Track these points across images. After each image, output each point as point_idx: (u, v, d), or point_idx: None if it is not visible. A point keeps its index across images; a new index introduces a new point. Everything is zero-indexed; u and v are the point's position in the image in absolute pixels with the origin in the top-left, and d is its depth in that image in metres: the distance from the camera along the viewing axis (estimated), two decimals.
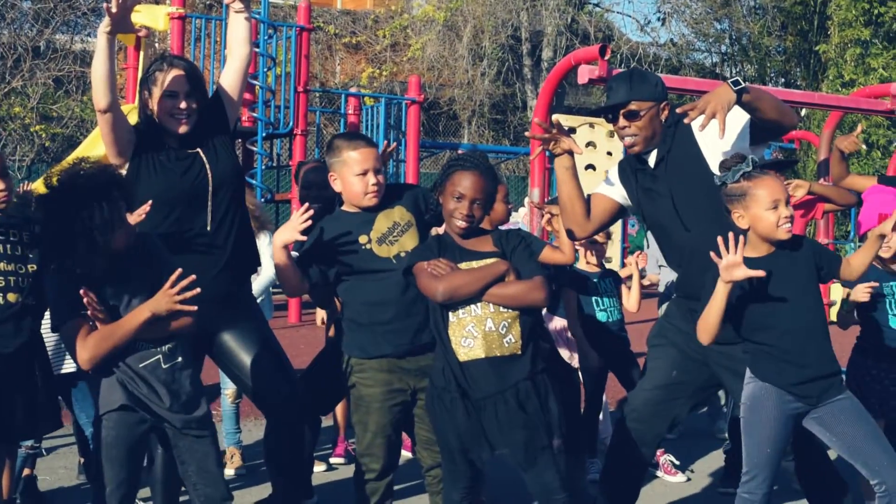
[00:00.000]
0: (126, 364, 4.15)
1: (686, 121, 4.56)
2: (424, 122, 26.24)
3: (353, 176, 4.92)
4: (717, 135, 4.47)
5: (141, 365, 4.16)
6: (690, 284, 4.83)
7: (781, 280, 4.43)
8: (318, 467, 6.87)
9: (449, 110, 27.49)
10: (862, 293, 5.65)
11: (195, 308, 4.13)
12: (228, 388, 6.91)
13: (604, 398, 7.28)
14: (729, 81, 4.53)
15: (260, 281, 6.76)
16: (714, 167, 4.73)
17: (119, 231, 4.05)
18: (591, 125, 14.34)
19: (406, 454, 6.85)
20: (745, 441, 4.55)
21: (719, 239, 4.30)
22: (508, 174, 25.91)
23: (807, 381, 4.45)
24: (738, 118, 4.74)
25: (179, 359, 4.25)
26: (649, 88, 4.89)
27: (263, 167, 14.21)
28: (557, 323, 6.98)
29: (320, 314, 7.30)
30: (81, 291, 3.97)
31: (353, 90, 17.62)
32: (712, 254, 4.30)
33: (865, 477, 4.53)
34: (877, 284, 5.70)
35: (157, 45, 22.14)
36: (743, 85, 4.51)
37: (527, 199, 7.36)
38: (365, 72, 26.53)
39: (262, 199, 13.64)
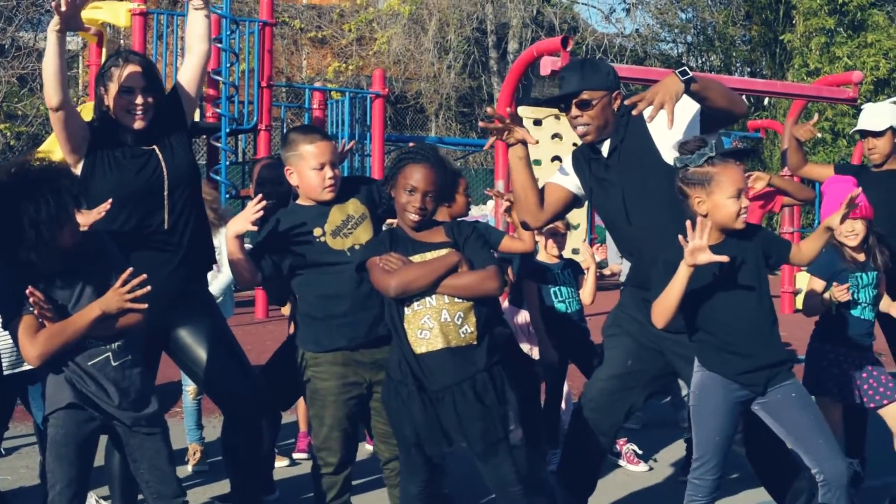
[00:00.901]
0: (75, 362, 4.12)
1: (634, 112, 4.56)
2: (391, 115, 26.26)
3: (309, 170, 4.92)
4: (667, 125, 4.48)
5: (90, 363, 4.13)
6: (643, 274, 4.85)
7: (729, 270, 4.43)
8: (281, 462, 6.86)
9: (416, 104, 27.49)
10: (840, 294, 5.69)
11: (145, 306, 4.11)
12: (189, 385, 6.89)
13: (567, 388, 7.29)
14: (676, 71, 4.54)
15: (220, 279, 6.73)
16: (666, 157, 4.75)
17: (67, 227, 4.03)
18: (557, 117, 14.37)
19: (369, 448, 6.85)
20: (695, 429, 4.58)
21: (687, 223, 4.32)
22: (476, 167, 25.94)
23: (753, 371, 4.47)
24: (688, 108, 4.74)
25: (129, 356, 4.23)
26: (601, 77, 4.90)
27: (228, 163, 14.16)
28: (522, 317, 7.00)
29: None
30: (28, 290, 3.95)
31: (317, 84, 17.56)
32: (680, 237, 4.31)
33: (807, 465, 4.56)
34: (849, 285, 5.75)
35: (122, 41, 22.02)
36: (690, 74, 4.52)
37: (487, 190, 7.35)
38: (331, 66, 26.50)
39: (227, 195, 13.59)
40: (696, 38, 31.00)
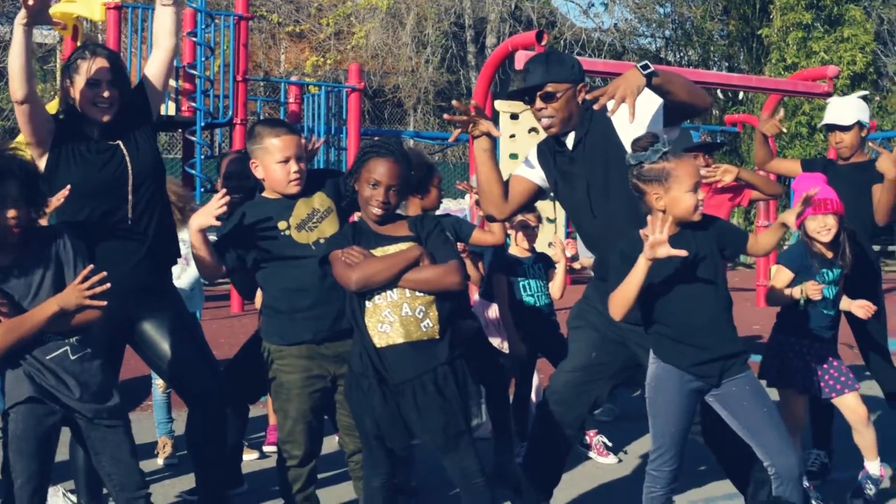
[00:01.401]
0: (33, 356, 4.12)
1: (596, 107, 4.57)
2: (370, 109, 26.24)
3: (274, 163, 4.93)
4: (628, 119, 4.49)
5: (48, 357, 4.13)
6: (606, 267, 4.86)
7: (686, 262, 4.43)
8: (250, 455, 6.87)
9: (394, 98, 27.47)
10: (813, 292, 5.71)
11: (104, 303, 4.11)
12: (159, 379, 6.89)
13: (537, 381, 7.31)
14: (638, 65, 4.55)
15: (189, 273, 6.73)
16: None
17: (10, 211, 4.04)
18: None
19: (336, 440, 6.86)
20: (651, 420, 4.60)
21: (649, 217, 4.33)
22: (455, 161, 25.93)
23: (707, 362, 4.49)
24: (651, 102, 4.75)
25: (88, 350, 4.22)
26: (566, 70, 4.90)
27: (203, 157, 14.12)
28: (493, 311, 7.01)
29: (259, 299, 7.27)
30: None
31: (294, 78, 17.54)
32: (642, 231, 4.32)
33: (759, 458, 4.59)
34: (822, 286, 5.77)
35: (99, 35, 21.92)
36: (652, 68, 4.53)
37: (458, 183, 7.37)
38: (309, 60, 26.47)
39: (202, 189, 13.56)
40: (674, 32, 31.04)
